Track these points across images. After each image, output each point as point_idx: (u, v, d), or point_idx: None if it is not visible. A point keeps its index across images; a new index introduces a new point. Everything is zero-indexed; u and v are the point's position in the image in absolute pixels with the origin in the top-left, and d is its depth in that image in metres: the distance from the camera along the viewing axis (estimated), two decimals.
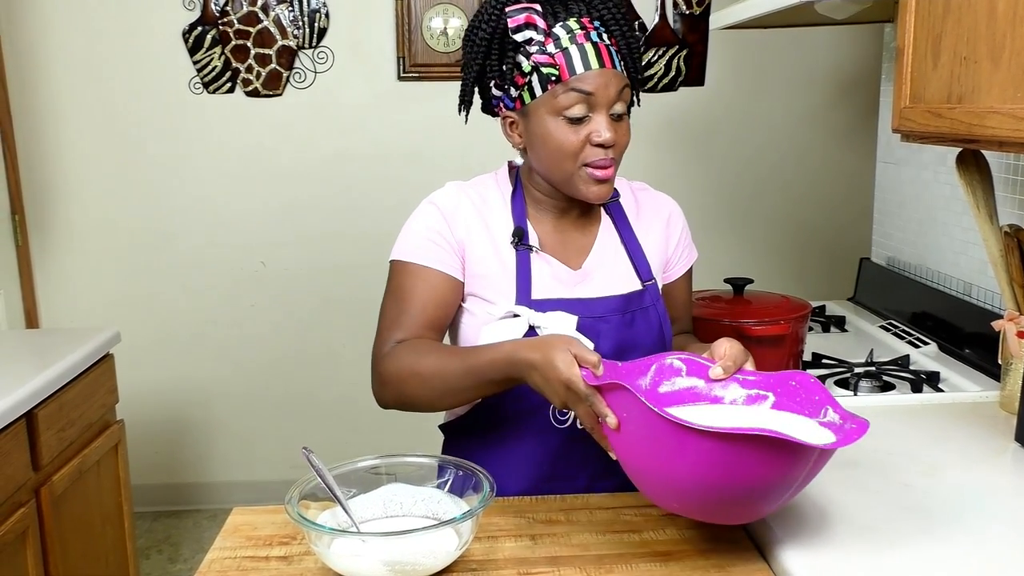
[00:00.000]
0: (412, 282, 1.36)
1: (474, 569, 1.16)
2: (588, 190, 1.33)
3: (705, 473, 1.03)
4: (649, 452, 1.08)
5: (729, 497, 1.06)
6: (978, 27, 1.29)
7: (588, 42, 1.29)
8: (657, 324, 1.43)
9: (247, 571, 1.17)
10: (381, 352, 1.35)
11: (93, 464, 2.16)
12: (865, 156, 3.05)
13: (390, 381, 1.33)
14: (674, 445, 1.03)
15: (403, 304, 1.36)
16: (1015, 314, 1.57)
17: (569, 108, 1.29)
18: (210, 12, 3.14)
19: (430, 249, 1.36)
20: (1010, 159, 1.87)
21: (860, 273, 2.59)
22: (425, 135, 3.25)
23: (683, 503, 1.12)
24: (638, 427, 1.07)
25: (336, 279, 3.32)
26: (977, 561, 1.10)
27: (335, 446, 3.19)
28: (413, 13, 3.16)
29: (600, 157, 1.31)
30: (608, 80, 1.29)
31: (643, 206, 1.50)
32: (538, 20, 1.30)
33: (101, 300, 3.29)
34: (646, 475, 1.12)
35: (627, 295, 1.41)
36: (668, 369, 1.25)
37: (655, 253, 1.47)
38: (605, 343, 1.37)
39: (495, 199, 1.42)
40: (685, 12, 3.23)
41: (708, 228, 3.35)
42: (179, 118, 3.21)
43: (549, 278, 1.38)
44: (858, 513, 1.23)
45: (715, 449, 1.01)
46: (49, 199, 3.22)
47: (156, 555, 3.11)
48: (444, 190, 1.42)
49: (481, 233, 1.38)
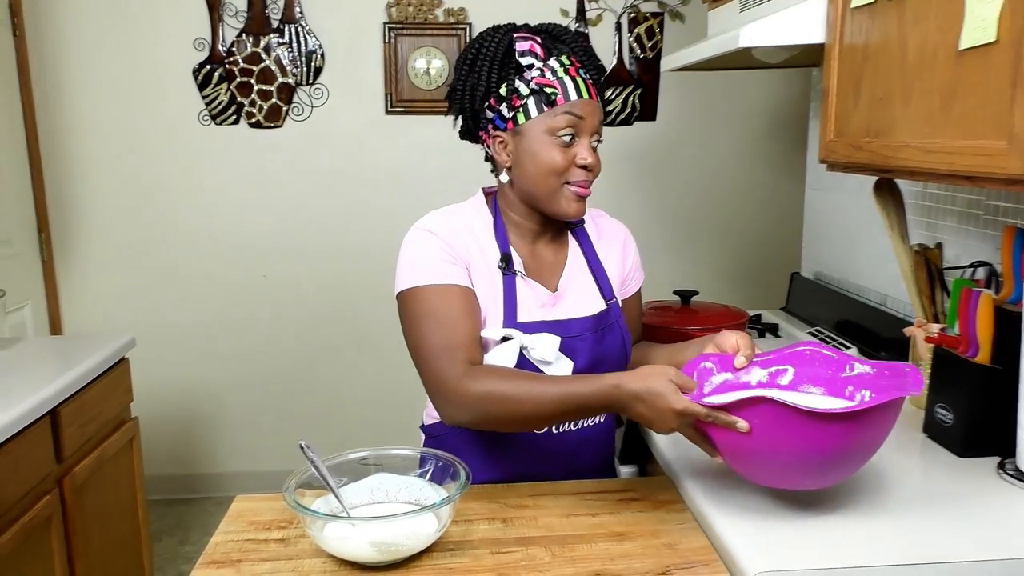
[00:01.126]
0: (443, 303, 1.27)
1: (452, 549, 1.15)
2: (568, 206, 1.32)
3: (835, 444, 1.07)
4: (772, 440, 1.08)
5: (836, 461, 1.10)
6: (892, 72, 1.31)
7: (579, 76, 1.30)
8: (620, 339, 1.41)
9: (248, 552, 1.16)
10: (452, 374, 1.22)
11: (111, 457, 2.13)
12: (796, 183, 3.08)
13: (473, 403, 1.21)
14: (802, 429, 1.05)
15: (446, 324, 1.26)
16: (923, 321, 1.59)
17: (561, 130, 1.28)
18: (217, 52, 3.12)
19: (446, 269, 1.29)
20: (919, 187, 1.89)
21: (791, 285, 2.60)
22: (410, 161, 3.25)
23: (795, 477, 1.13)
24: (766, 423, 1.07)
25: (330, 290, 3.30)
26: (894, 531, 1.11)
27: (329, 440, 3.18)
28: (399, 54, 3.16)
29: (583, 178, 1.31)
30: (594, 110, 1.31)
31: (603, 230, 1.49)
32: (538, 49, 1.30)
33: (118, 309, 3.25)
34: (760, 460, 1.12)
35: (597, 315, 1.39)
36: (705, 372, 1.26)
37: (615, 274, 1.46)
38: (581, 359, 1.35)
39: (479, 226, 1.37)
40: (639, 55, 3.25)
41: (660, 246, 3.38)
42: (189, 146, 3.19)
43: (531, 301, 1.35)
44: (789, 493, 1.24)
45: (838, 426, 1.05)
46: (72, 218, 3.18)
47: (168, 538, 3.06)
48: (431, 219, 1.35)
49: (477, 256, 1.34)
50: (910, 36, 1.25)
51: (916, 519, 1.16)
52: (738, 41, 1.58)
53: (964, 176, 1.14)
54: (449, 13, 3.15)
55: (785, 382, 1.27)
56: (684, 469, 1.36)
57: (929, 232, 1.86)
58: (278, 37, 3.14)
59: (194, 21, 3.11)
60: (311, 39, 3.15)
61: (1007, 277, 1.39)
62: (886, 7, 1.32)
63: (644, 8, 3.22)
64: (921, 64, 1.23)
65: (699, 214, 3.41)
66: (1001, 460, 1.32)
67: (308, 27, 3.14)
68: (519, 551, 1.15)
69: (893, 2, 1.30)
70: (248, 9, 3.11)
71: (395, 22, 3.14)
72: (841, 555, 1.07)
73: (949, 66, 1.16)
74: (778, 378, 1.27)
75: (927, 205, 1.87)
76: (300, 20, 3.13)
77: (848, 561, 1.05)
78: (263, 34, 3.13)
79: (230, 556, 1.15)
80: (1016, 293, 1.36)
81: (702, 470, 1.34)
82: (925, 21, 1.21)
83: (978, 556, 1.06)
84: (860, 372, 1.22)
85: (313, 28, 3.15)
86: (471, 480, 1.17)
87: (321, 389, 3.38)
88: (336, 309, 3.31)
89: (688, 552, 1.14)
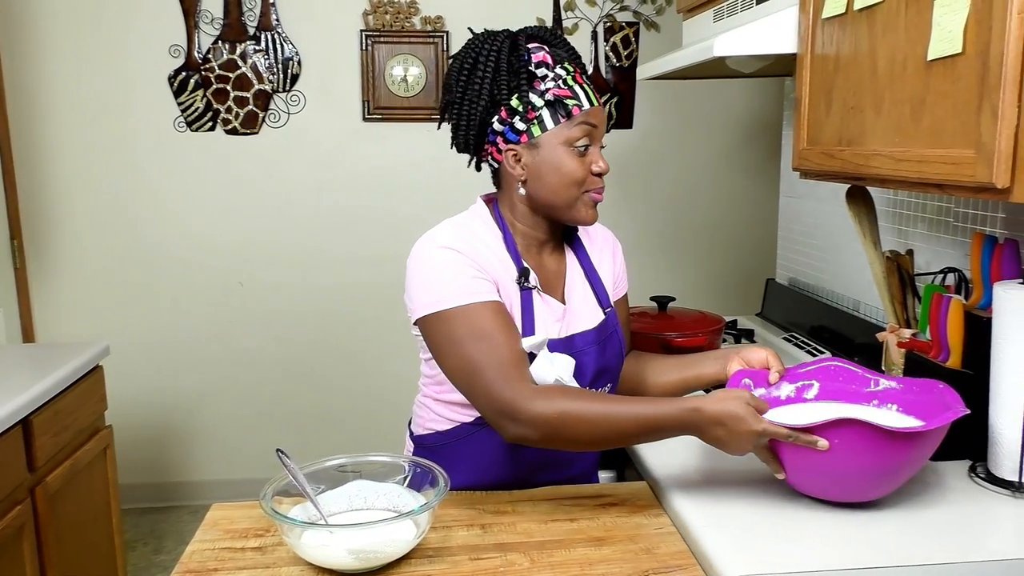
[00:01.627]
0: (486, 321, 1.21)
1: (431, 556, 1.15)
2: (587, 213, 1.31)
3: (902, 459, 1.14)
4: (851, 457, 1.13)
5: (899, 475, 1.17)
6: (863, 82, 1.33)
7: (584, 83, 1.29)
8: (619, 347, 1.40)
9: (224, 561, 1.15)
10: (520, 395, 1.17)
11: (84, 466, 2.11)
12: (770, 190, 3.11)
13: (546, 423, 1.16)
14: (881, 447, 1.12)
15: (496, 342, 1.20)
16: (896, 327, 1.61)
17: (579, 139, 1.27)
18: (193, 59, 3.11)
19: (479, 286, 1.24)
20: (891, 194, 1.92)
21: (766, 291, 2.62)
22: (387, 168, 3.24)
23: (859, 490, 1.19)
24: (848, 441, 1.12)
25: (307, 297, 3.28)
26: (868, 533, 1.13)
27: (307, 447, 3.16)
28: (377, 62, 3.16)
29: (600, 185, 1.30)
30: (602, 116, 1.31)
31: (594, 238, 1.47)
32: (549, 59, 1.28)
33: (92, 317, 3.21)
34: (833, 477, 1.17)
35: (599, 326, 1.38)
36: (745, 389, 1.29)
37: (608, 280, 1.44)
38: (587, 372, 1.34)
39: (492, 240, 1.32)
40: (616, 64, 3.28)
41: (637, 252, 3.38)
42: (165, 153, 3.16)
43: (547, 316, 1.33)
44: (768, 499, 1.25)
45: (907, 444, 1.12)
46: (45, 226, 3.14)
47: (142, 547, 3.02)
48: (445, 235, 1.28)
49: (499, 271, 1.29)
50: (880, 47, 1.27)
51: (890, 522, 1.17)
52: (712, 50, 1.59)
53: (934, 184, 1.16)
54: (426, 21, 3.15)
55: (811, 396, 1.35)
56: (662, 474, 1.36)
57: (900, 239, 1.89)
58: (254, 44, 3.12)
59: (169, 28, 3.09)
60: (288, 46, 3.14)
61: (976, 283, 1.41)
62: (856, 19, 1.34)
63: (620, 17, 3.24)
64: (891, 74, 1.25)
65: (675, 221, 3.43)
66: (973, 464, 1.34)
67: (285, 34, 3.13)
68: (498, 557, 1.15)
69: (863, 14, 1.32)
70: (224, 16, 3.09)
71: (372, 30, 3.14)
72: (817, 558, 1.08)
73: (918, 77, 1.18)
74: (805, 392, 1.35)
75: (898, 212, 1.90)
76: (277, 27, 3.12)
77: (824, 564, 1.06)
78: (239, 41, 3.12)
79: (206, 565, 1.14)
80: (985, 298, 1.39)
81: (680, 475, 1.35)
82: (894, 32, 1.24)
83: (951, 559, 1.08)
84: (886, 387, 1.30)
85: (290, 35, 3.14)
86: (450, 486, 1.17)
87: (298, 396, 3.35)
88: (313, 316, 3.29)
89: (666, 556, 1.15)
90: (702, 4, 2.02)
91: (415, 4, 3.14)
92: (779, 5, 1.61)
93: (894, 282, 1.63)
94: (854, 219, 1.68)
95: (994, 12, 1.01)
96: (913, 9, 1.19)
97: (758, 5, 1.71)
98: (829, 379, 1.35)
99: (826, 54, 1.44)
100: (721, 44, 1.58)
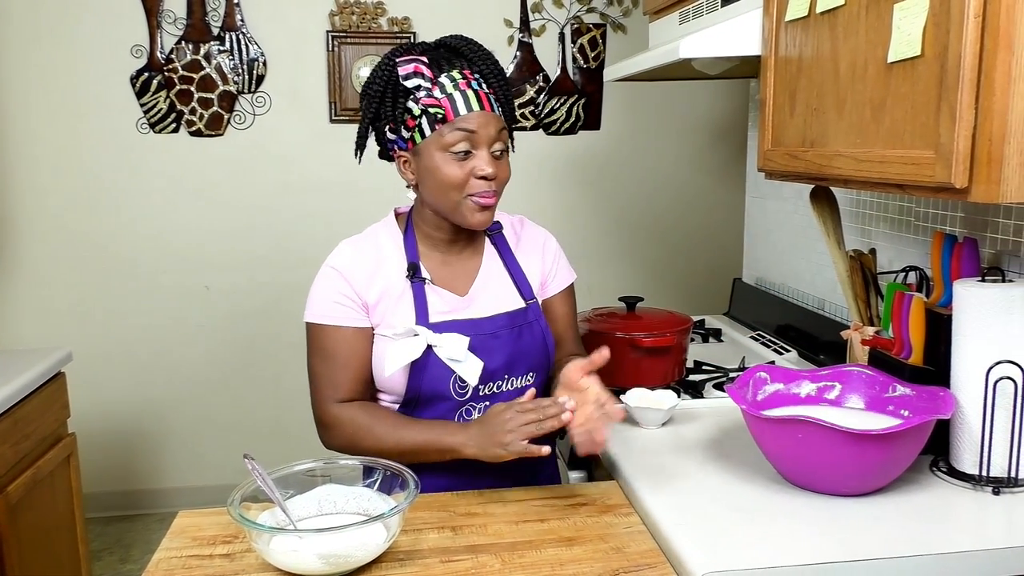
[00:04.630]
0: (332, 343, 1.38)
1: (401, 559, 1.15)
2: (472, 217, 1.36)
3: (869, 459, 1.20)
4: (812, 451, 1.22)
5: (869, 471, 1.23)
6: (825, 84, 1.35)
7: (469, 89, 1.33)
8: (541, 337, 1.45)
9: (192, 569, 1.14)
10: (324, 409, 1.39)
11: (47, 475, 2.07)
12: (736, 191, 3.14)
13: (341, 435, 1.37)
14: (832, 445, 1.19)
15: (331, 364, 1.38)
16: (859, 325, 1.63)
17: (455, 145, 1.32)
18: (156, 59, 3.06)
19: (338, 310, 1.38)
20: (853, 194, 1.95)
21: (733, 291, 2.64)
22: (354, 171, 3.19)
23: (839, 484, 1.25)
24: (809, 439, 1.21)
25: (274, 300, 3.25)
26: (834, 528, 1.15)
27: (275, 453, 3.12)
28: (343, 63, 3.14)
29: (483, 189, 1.34)
30: (487, 121, 1.33)
31: (522, 237, 1.53)
32: (424, 70, 1.33)
33: (54, 322, 3.15)
34: (803, 468, 1.26)
35: (512, 312, 1.43)
36: (760, 381, 1.42)
37: (535, 275, 1.50)
38: (498, 356, 1.39)
39: (387, 244, 1.43)
40: (583, 66, 3.29)
41: (605, 253, 3.41)
42: (127, 154, 3.11)
43: (440, 305, 1.40)
44: (733, 490, 1.27)
45: (866, 443, 1.18)
46: (4, 228, 3.07)
47: (108, 556, 2.98)
48: (339, 251, 1.43)
49: (378, 279, 1.39)
50: (841, 49, 1.29)
51: (855, 517, 1.19)
52: (678, 52, 1.61)
53: (895, 184, 1.18)
54: (393, 22, 3.14)
55: (832, 397, 1.43)
56: (632, 474, 1.37)
57: (863, 238, 1.92)
58: (219, 44, 3.09)
59: (131, 28, 3.04)
60: (253, 47, 3.11)
61: (937, 281, 1.44)
62: (818, 21, 1.36)
63: (587, 19, 3.26)
64: (852, 76, 1.27)
65: (643, 221, 3.45)
66: (935, 458, 1.37)
67: (250, 35, 3.10)
68: (469, 559, 1.15)
69: (825, 17, 1.34)
70: (187, 16, 3.06)
71: (339, 30, 3.12)
72: (785, 554, 1.09)
73: (879, 79, 1.20)
74: (826, 392, 1.43)
75: (861, 212, 1.93)
76: (241, 28, 3.09)
77: (792, 559, 1.08)
78: (203, 41, 3.08)
79: (173, 573, 1.13)
80: (946, 296, 1.41)
81: (649, 474, 1.36)
82: (855, 35, 1.26)
83: (914, 551, 1.10)
84: (902, 393, 1.36)
85: (255, 36, 3.11)
86: (420, 489, 1.17)
87: (266, 401, 3.32)
88: (280, 320, 3.26)
89: (636, 555, 1.15)
90: (668, 6, 2.04)
91: (382, 5, 3.13)
92: (744, 8, 1.63)
93: (857, 281, 1.65)
94: (818, 219, 1.70)
95: (951, 16, 1.03)
96: (873, 13, 1.21)
97: (723, 7, 1.73)
98: (851, 383, 1.42)
99: (789, 56, 1.46)
100: (687, 46, 1.60)
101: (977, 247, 1.40)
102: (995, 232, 1.47)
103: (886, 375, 1.40)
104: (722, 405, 1.71)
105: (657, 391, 1.68)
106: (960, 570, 1.10)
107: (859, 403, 1.41)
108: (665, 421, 1.60)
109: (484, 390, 1.40)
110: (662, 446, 1.50)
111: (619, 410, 1.25)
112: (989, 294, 1.25)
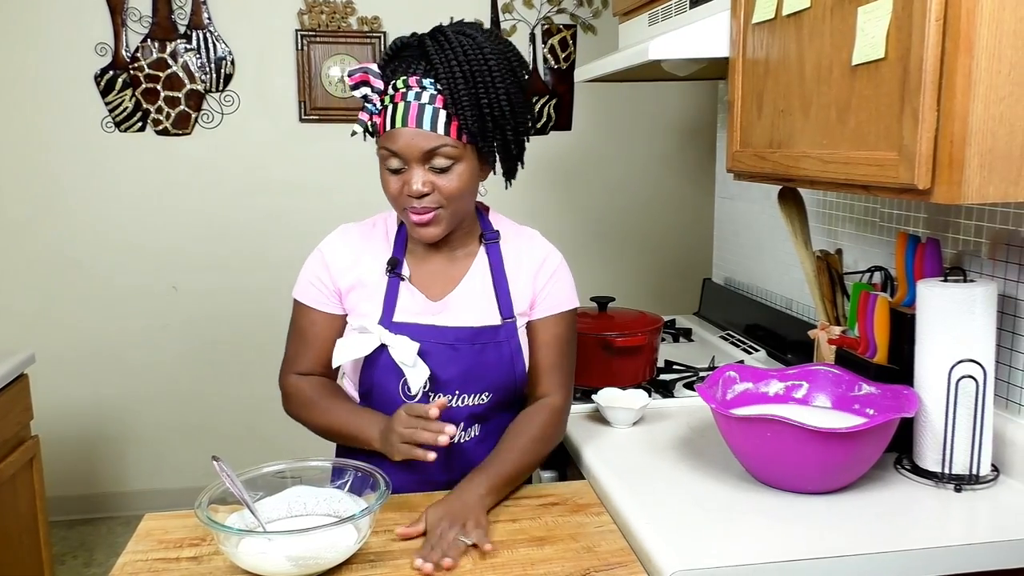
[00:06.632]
0: (305, 321, 1.42)
1: (372, 561, 1.15)
2: (415, 231, 1.33)
3: (831, 456, 1.22)
4: (779, 449, 1.24)
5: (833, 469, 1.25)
6: (791, 86, 1.36)
7: (403, 101, 1.26)
8: (508, 358, 1.37)
9: (158, 572, 1.13)
10: (283, 378, 1.45)
11: (9, 478, 2.03)
12: (706, 191, 3.16)
13: (291, 405, 1.43)
14: (798, 444, 1.21)
15: (300, 340, 1.43)
16: (826, 324, 1.65)
17: (386, 160, 1.29)
18: (121, 58, 3.02)
19: (311, 292, 1.41)
20: (820, 195, 1.97)
21: (703, 291, 2.66)
22: (324, 171, 3.21)
23: (798, 480, 1.27)
24: (776, 437, 1.23)
25: (242, 301, 3.22)
26: (801, 526, 1.16)
27: (244, 455, 3.08)
28: (313, 62, 3.12)
29: (414, 205, 1.28)
30: (413, 138, 1.25)
31: (523, 251, 1.43)
32: (373, 80, 1.29)
33: (16, 324, 3.09)
34: (770, 466, 1.28)
35: (480, 328, 1.36)
36: (729, 380, 1.46)
37: (523, 293, 1.40)
38: (452, 368, 1.35)
39: (377, 236, 1.43)
40: (554, 66, 3.30)
41: (576, 253, 3.38)
42: (92, 154, 3.06)
43: (411, 305, 1.37)
44: (702, 488, 1.28)
45: (831, 441, 1.20)
46: None
47: (71, 560, 2.93)
48: (331, 235, 1.44)
49: (356, 269, 1.39)
50: (807, 51, 1.31)
51: (822, 515, 1.21)
52: (647, 54, 1.62)
53: (860, 185, 1.20)
54: (363, 21, 3.13)
55: (800, 395, 1.45)
56: (602, 473, 1.38)
57: (830, 239, 1.94)
58: (185, 43, 3.06)
59: (95, 25, 3.00)
60: (220, 45, 3.08)
61: (901, 281, 1.47)
62: (784, 24, 1.37)
63: (557, 20, 3.27)
64: (818, 78, 1.28)
65: (614, 222, 3.47)
66: (899, 456, 1.39)
67: (217, 33, 3.07)
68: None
69: (791, 19, 1.35)
70: (153, 14, 3.02)
71: (308, 29, 3.10)
72: (754, 552, 1.11)
73: (844, 81, 1.22)
74: (793, 391, 1.45)
75: (827, 213, 1.96)
76: (208, 26, 3.06)
77: (761, 557, 1.09)
78: (169, 40, 3.04)
79: None
80: (910, 296, 1.44)
81: (620, 473, 1.37)
82: (820, 38, 1.27)
83: (878, 548, 1.12)
84: (867, 392, 1.39)
85: (222, 34, 3.08)
86: (391, 489, 1.16)
87: (234, 402, 3.29)
88: (248, 320, 3.23)
89: (607, 554, 1.16)
90: (637, 8, 2.05)
91: (351, 4, 3.12)
92: (712, 10, 1.65)
93: (824, 281, 1.68)
94: (786, 220, 1.72)
95: (914, 19, 1.05)
96: (838, 15, 1.23)
97: (692, 9, 1.74)
98: (818, 381, 1.45)
99: (756, 58, 1.48)
100: (656, 47, 1.61)
101: (939, 247, 1.43)
102: (957, 232, 1.50)
103: (852, 374, 1.43)
104: (692, 404, 1.72)
105: (628, 390, 1.69)
106: (923, 566, 1.12)
107: (826, 402, 1.44)
108: (636, 420, 1.61)
109: (434, 399, 1.28)
110: (633, 445, 1.51)
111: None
112: (951, 294, 1.27)
